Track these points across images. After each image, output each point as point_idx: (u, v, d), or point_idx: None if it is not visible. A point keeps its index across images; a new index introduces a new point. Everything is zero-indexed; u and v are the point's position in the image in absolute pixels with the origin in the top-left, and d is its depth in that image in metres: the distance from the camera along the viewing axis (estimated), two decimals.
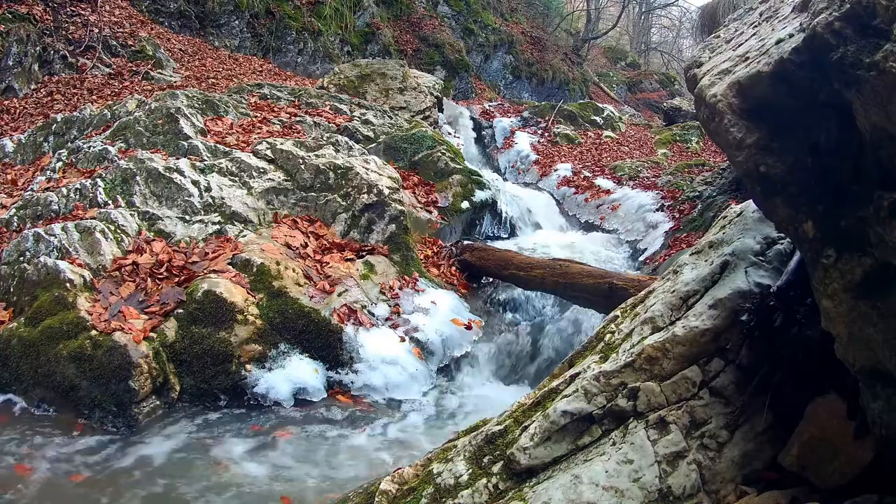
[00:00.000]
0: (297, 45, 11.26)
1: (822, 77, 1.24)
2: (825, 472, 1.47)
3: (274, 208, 4.65)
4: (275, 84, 7.39)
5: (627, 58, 24.58)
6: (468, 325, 4.33)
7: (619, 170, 8.31)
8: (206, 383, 3.52)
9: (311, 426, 3.38)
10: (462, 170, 6.14)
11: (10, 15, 7.33)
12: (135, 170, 4.50)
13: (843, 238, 1.31)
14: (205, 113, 5.62)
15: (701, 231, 5.31)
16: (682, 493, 1.57)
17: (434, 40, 13.71)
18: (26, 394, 3.38)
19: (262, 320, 3.74)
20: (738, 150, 1.47)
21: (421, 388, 3.85)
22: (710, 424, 1.66)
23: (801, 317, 1.63)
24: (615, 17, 19.91)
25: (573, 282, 4.07)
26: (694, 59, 1.94)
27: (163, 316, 3.61)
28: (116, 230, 4.06)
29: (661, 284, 2.10)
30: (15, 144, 5.79)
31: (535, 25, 17.85)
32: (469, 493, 1.77)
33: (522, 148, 9.81)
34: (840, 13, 1.14)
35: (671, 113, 12.70)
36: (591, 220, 7.32)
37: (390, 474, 2.06)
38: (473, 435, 1.98)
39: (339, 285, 4.12)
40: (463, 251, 5.12)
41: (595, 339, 2.12)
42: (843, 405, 1.48)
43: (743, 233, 2.04)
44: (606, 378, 1.80)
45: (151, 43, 8.75)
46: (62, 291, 3.57)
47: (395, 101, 8.43)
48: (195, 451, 3.12)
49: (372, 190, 4.79)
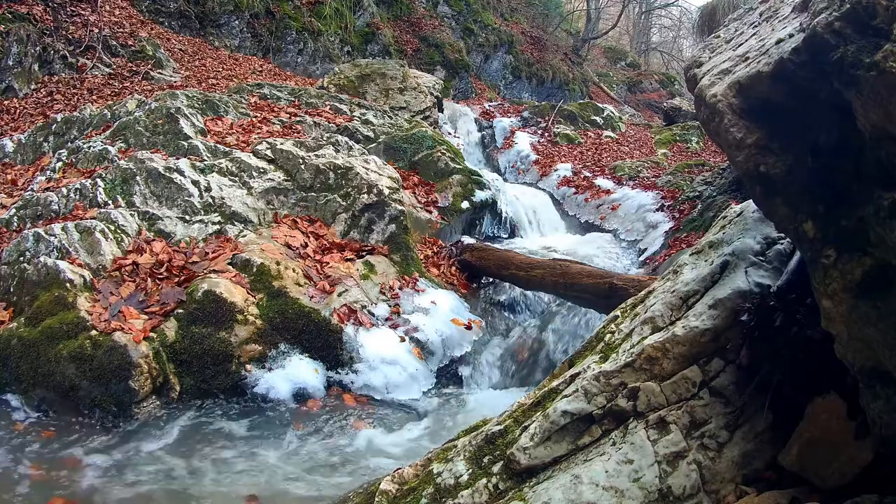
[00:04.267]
0: (297, 45, 11.25)
1: (821, 77, 1.24)
2: (825, 472, 1.47)
3: (274, 208, 4.65)
4: (275, 84, 7.39)
5: (627, 58, 24.57)
6: (468, 324, 4.33)
7: (619, 170, 8.31)
8: (206, 383, 3.52)
9: (310, 426, 3.38)
10: (462, 170, 6.13)
11: (10, 15, 7.33)
12: (135, 170, 4.50)
13: (843, 238, 1.31)
14: (205, 113, 5.62)
15: (701, 231, 5.31)
16: (682, 493, 1.57)
17: (434, 40, 13.71)
18: (26, 394, 3.38)
19: (262, 320, 3.74)
20: (738, 150, 1.47)
21: (421, 388, 3.85)
22: (710, 424, 1.66)
23: (801, 317, 1.63)
24: (615, 17, 19.90)
25: (573, 282, 4.07)
26: (694, 59, 1.94)
27: (163, 316, 3.61)
28: (116, 230, 4.06)
29: (661, 284, 2.10)
30: (15, 144, 5.79)
31: (535, 25, 17.85)
32: (469, 493, 1.77)
33: (522, 148, 9.80)
34: (840, 13, 1.14)
35: (671, 113, 12.69)
36: (591, 220, 7.31)
37: (390, 474, 2.06)
38: (473, 435, 1.98)
39: (339, 285, 4.12)
40: (463, 251, 5.12)
41: (595, 339, 2.12)
42: (843, 405, 1.48)
43: (743, 233, 2.05)
44: (606, 378, 1.80)
45: (151, 43, 8.75)
46: (62, 291, 3.57)
47: (395, 101, 8.43)
48: (195, 450, 3.11)
49: (372, 190, 4.79)
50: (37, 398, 3.37)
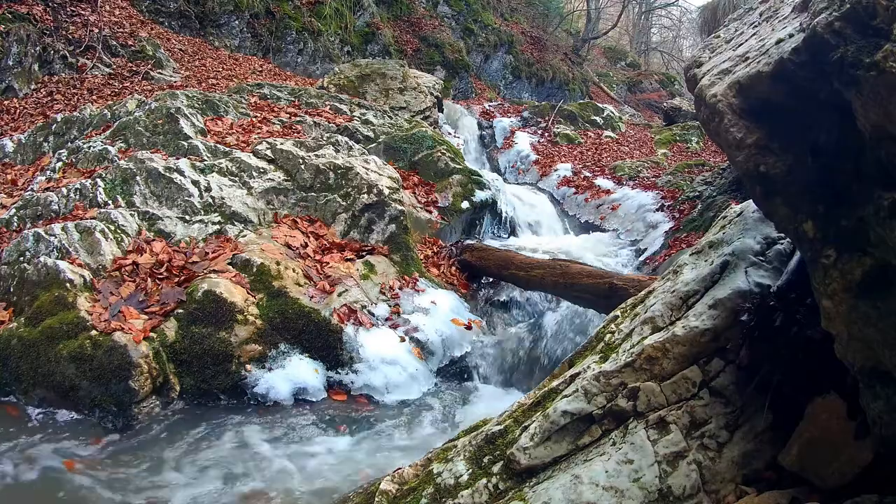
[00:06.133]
0: (297, 45, 11.25)
1: (821, 77, 1.24)
2: (825, 472, 1.47)
3: (274, 208, 4.65)
4: (275, 84, 7.39)
5: (627, 58, 24.56)
6: (468, 324, 4.33)
7: (619, 170, 8.31)
8: (206, 383, 3.53)
9: (310, 426, 3.38)
10: (462, 170, 6.13)
11: (10, 15, 7.32)
12: (135, 170, 4.50)
13: (843, 238, 1.31)
14: (205, 113, 5.62)
15: (701, 231, 5.31)
16: (682, 493, 1.57)
17: (434, 40, 13.70)
18: (26, 394, 3.38)
19: (262, 320, 3.74)
20: (738, 150, 1.47)
21: (421, 388, 3.85)
22: (710, 424, 1.66)
23: (801, 317, 1.63)
24: (615, 17, 19.89)
25: (573, 282, 4.07)
26: (694, 59, 1.94)
27: (163, 316, 3.61)
28: (116, 230, 4.06)
29: (661, 284, 2.10)
30: (15, 144, 5.79)
31: (535, 25, 17.84)
32: (469, 493, 1.77)
33: (522, 148, 9.80)
34: (840, 13, 1.14)
35: (671, 113, 12.68)
36: (591, 220, 7.31)
37: (390, 474, 2.06)
38: (473, 435, 1.98)
39: (339, 285, 4.12)
40: (463, 251, 5.12)
41: (595, 339, 2.12)
42: (843, 405, 1.48)
43: (743, 233, 2.04)
44: (606, 378, 1.80)
45: (151, 43, 8.75)
46: (62, 291, 3.57)
47: (395, 101, 8.43)
48: (195, 450, 3.12)
49: (372, 190, 4.79)
50: (37, 398, 3.37)
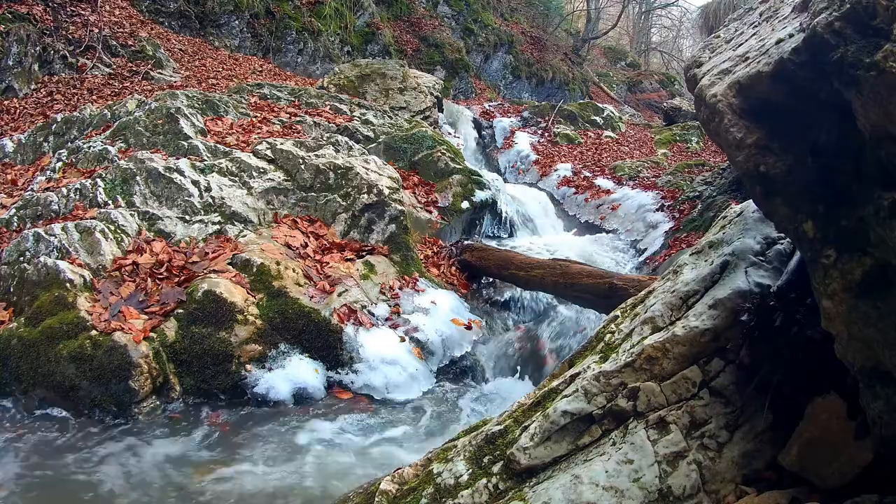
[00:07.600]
0: (297, 45, 11.25)
1: (821, 77, 1.24)
2: (825, 472, 1.47)
3: (274, 208, 4.65)
4: (275, 84, 7.39)
5: (627, 58, 24.56)
6: (468, 324, 4.33)
7: (619, 170, 8.31)
8: (206, 383, 3.53)
9: (310, 426, 3.37)
10: (462, 170, 6.13)
11: (10, 15, 7.32)
12: (135, 170, 4.50)
13: (843, 238, 1.31)
14: (205, 113, 5.62)
15: (701, 231, 5.31)
16: (682, 493, 1.57)
17: (434, 40, 13.70)
18: (26, 394, 3.38)
19: (262, 320, 3.74)
20: (738, 150, 1.47)
21: (421, 388, 3.85)
22: (710, 424, 1.66)
23: (801, 317, 1.63)
24: (615, 17, 19.89)
25: (573, 282, 4.07)
26: (694, 59, 1.94)
27: (163, 316, 3.61)
28: (116, 230, 4.06)
29: (661, 284, 2.10)
30: (15, 144, 5.79)
31: (535, 25, 17.84)
32: (469, 493, 1.77)
33: (522, 148, 9.80)
34: (840, 13, 1.14)
35: (671, 113, 12.68)
36: (591, 220, 7.31)
37: (390, 474, 2.06)
38: (473, 435, 1.98)
39: (339, 285, 4.12)
40: (463, 251, 5.12)
41: (595, 339, 2.12)
42: (843, 405, 1.48)
43: (743, 233, 2.04)
44: (606, 378, 1.80)
45: (151, 43, 8.75)
46: (62, 291, 3.57)
47: (395, 101, 8.43)
48: (195, 450, 3.12)
49: (372, 190, 4.79)
50: (37, 398, 3.37)
